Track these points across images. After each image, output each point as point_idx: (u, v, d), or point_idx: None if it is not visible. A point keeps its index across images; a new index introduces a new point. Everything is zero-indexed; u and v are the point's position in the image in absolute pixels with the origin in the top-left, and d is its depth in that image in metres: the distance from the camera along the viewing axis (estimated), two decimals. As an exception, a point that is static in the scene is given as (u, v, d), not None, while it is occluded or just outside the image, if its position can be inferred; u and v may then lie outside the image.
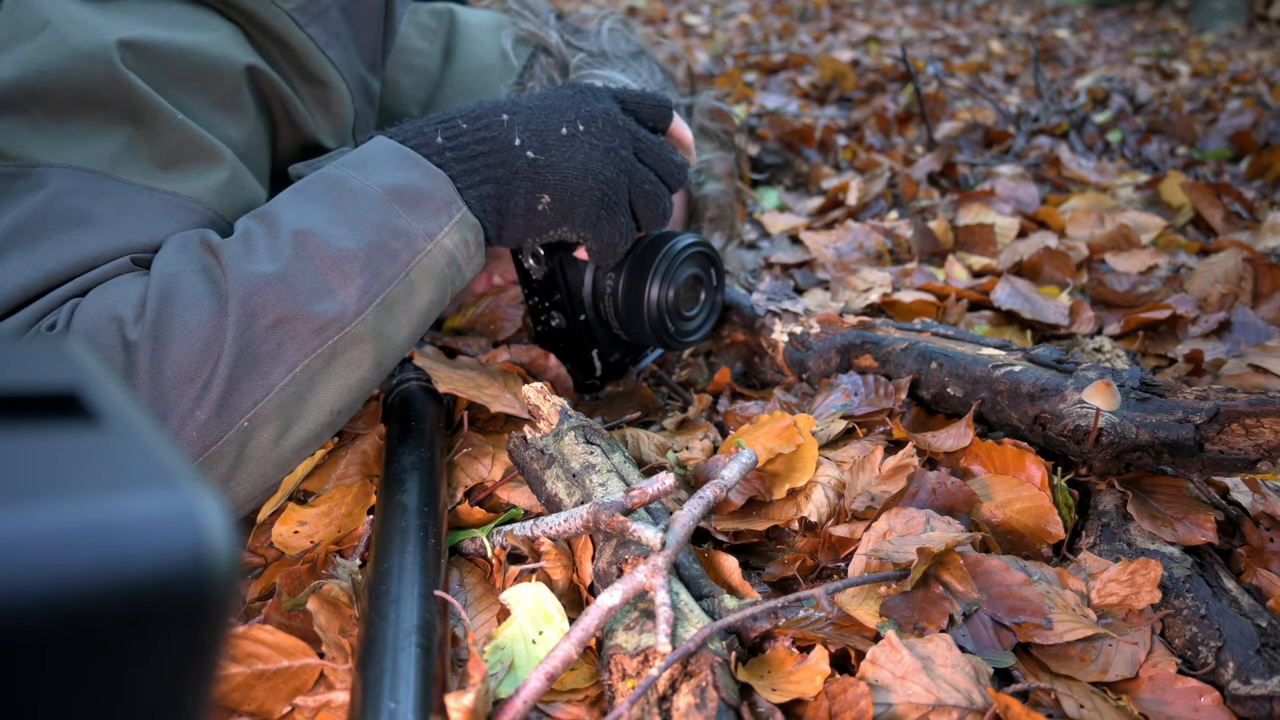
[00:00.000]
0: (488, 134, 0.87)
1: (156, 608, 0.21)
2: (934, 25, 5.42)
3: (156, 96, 0.78)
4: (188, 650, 0.22)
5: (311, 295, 0.75)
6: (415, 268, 0.81)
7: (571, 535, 0.76)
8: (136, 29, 0.80)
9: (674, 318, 1.00)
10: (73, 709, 0.21)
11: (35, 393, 0.25)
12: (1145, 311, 1.27)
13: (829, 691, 0.62)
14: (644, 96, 0.95)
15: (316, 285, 0.75)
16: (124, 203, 0.77)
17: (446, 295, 0.87)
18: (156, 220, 0.78)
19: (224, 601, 0.22)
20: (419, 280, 0.82)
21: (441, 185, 0.83)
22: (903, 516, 0.78)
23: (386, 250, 0.80)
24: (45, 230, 0.74)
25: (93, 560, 0.20)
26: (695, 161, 1.03)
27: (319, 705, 0.65)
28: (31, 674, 0.20)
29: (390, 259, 0.80)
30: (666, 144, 0.95)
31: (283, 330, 0.74)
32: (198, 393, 0.71)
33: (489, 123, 0.87)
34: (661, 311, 0.98)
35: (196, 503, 0.22)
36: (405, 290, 0.81)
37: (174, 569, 0.21)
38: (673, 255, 0.97)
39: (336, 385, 0.78)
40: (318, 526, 0.85)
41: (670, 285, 0.97)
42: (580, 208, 0.90)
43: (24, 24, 0.77)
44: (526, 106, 0.89)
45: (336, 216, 0.79)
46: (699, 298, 1.05)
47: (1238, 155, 2.34)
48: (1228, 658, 0.68)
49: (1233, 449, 0.78)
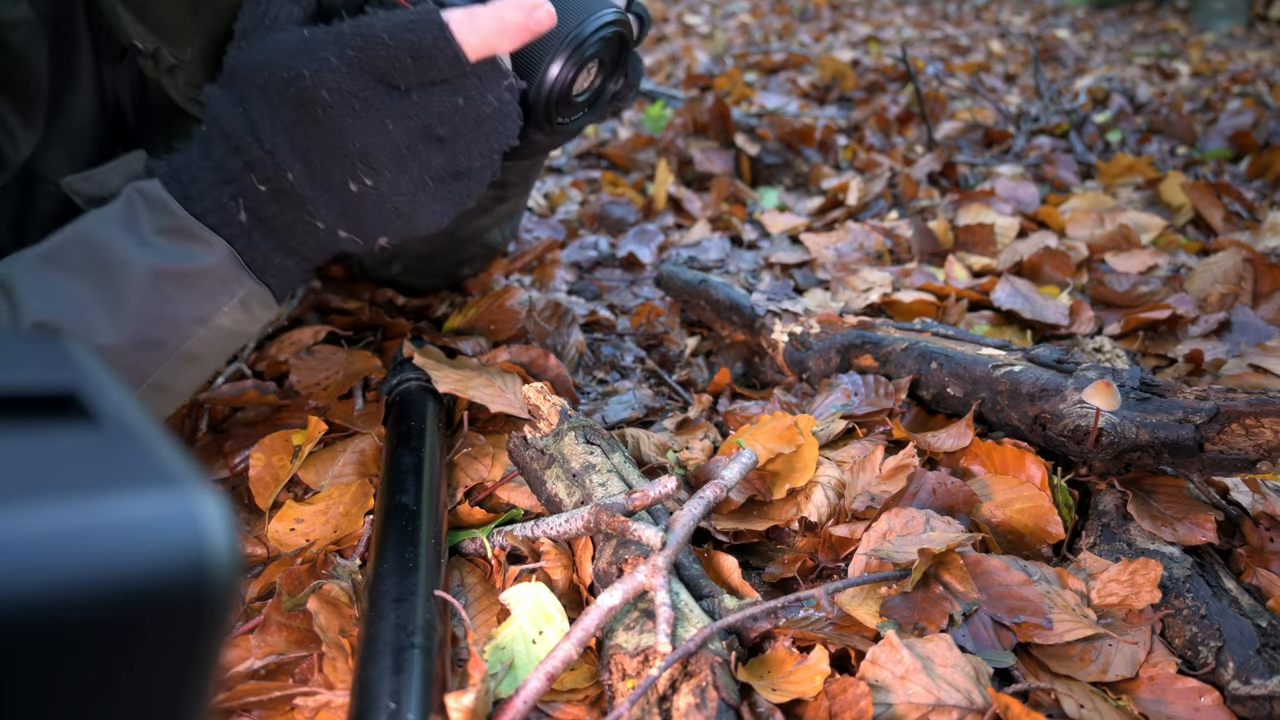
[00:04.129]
0: (292, 213, 0.71)
1: (157, 608, 0.21)
2: (934, 25, 5.42)
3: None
4: (187, 650, 0.22)
5: None
6: (182, 352, 0.72)
7: (572, 536, 0.77)
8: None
9: (561, 105, 0.77)
10: (73, 709, 0.21)
11: (35, 393, 0.25)
12: (1145, 311, 1.27)
13: (829, 691, 0.62)
14: (398, 56, 0.66)
15: None
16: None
17: (224, 359, 0.77)
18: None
19: (224, 602, 0.22)
20: (185, 363, 0.72)
21: (226, 263, 0.71)
22: (903, 516, 0.78)
23: (149, 341, 0.69)
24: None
25: (93, 561, 0.20)
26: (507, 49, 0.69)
27: (319, 705, 0.65)
28: (31, 674, 0.20)
29: (153, 349, 0.70)
30: (473, 96, 0.69)
31: None
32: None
33: (282, 186, 0.70)
34: (550, 99, 0.75)
35: (196, 503, 0.22)
36: (169, 374, 0.72)
37: (174, 569, 0.21)
38: (579, 39, 0.73)
39: None
40: (314, 525, 0.85)
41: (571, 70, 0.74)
42: (411, 240, 0.77)
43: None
44: (289, 148, 0.68)
45: (95, 301, 0.67)
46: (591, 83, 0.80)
47: (1238, 155, 2.34)
48: (1228, 658, 0.68)
49: (1233, 449, 0.78)
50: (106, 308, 0.67)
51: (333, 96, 0.66)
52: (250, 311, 0.74)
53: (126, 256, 0.68)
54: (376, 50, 0.65)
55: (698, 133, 2.27)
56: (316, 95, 0.66)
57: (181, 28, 0.78)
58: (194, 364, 0.73)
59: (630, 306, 1.46)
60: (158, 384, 0.72)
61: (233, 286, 0.72)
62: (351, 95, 0.66)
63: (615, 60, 0.80)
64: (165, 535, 0.21)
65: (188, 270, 0.69)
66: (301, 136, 0.68)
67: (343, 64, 0.66)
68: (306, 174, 0.69)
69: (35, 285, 0.67)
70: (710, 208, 1.92)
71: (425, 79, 0.67)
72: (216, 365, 0.77)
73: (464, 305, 1.26)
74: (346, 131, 0.67)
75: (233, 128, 0.69)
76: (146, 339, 0.69)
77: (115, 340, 0.68)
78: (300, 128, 0.68)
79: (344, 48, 0.65)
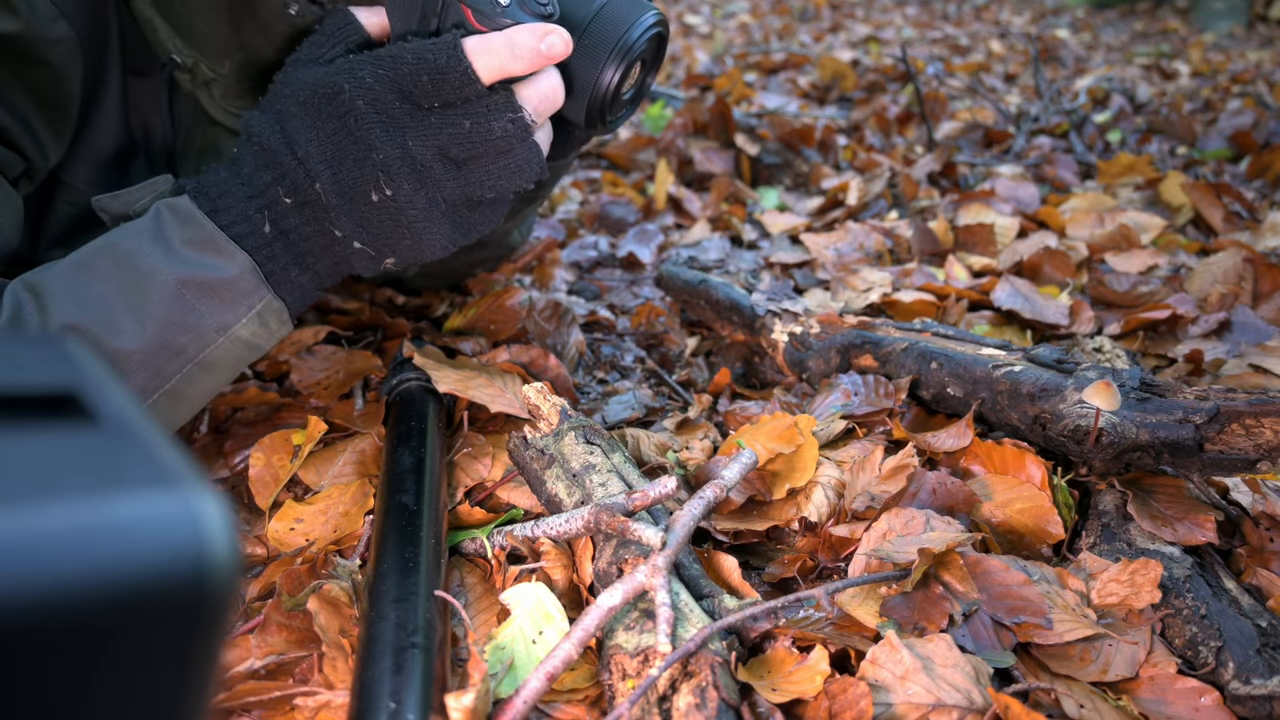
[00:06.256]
0: (313, 226, 0.75)
1: (157, 608, 0.21)
2: (934, 25, 5.42)
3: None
4: (187, 650, 0.22)
5: None
6: (201, 360, 0.75)
7: (572, 536, 0.77)
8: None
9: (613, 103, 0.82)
10: (73, 708, 0.21)
11: (35, 393, 0.25)
12: (1145, 311, 1.27)
13: (829, 691, 0.62)
14: (417, 74, 0.71)
15: None
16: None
17: (239, 371, 0.80)
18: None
19: (224, 602, 0.22)
20: (202, 371, 0.75)
21: (247, 275, 0.74)
22: (903, 516, 0.78)
23: (171, 347, 0.72)
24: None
25: (93, 561, 0.20)
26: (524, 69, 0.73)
27: (319, 705, 0.65)
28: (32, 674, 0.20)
29: (174, 355, 0.73)
30: (480, 121, 0.73)
31: None
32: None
33: (308, 198, 0.74)
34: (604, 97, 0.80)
35: (196, 503, 0.22)
36: (186, 380, 0.75)
37: (174, 570, 0.21)
38: (627, 45, 0.77)
39: None
40: (314, 525, 0.85)
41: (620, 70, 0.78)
42: (427, 259, 0.80)
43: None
44: (320, 157, 0.73)
45: (121, 305, 0.71)
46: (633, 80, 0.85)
47: (1238, 155, 2.34)
48: (1228, 658, 0.68)
49: (1233, 449, 0.78)
50: (132, 313, 0.71)
51: (366, 108, 0.72)
52: (267, 325, 0.77)
53: (154, 266, 0.71)
54: (400, 69, 0.72)
55: (698, 133, 2.27)
56: (354, 106, 0.72)
57: (222, 44, 0.84)
58: (210, 372, 0.76)
59: (630, 306, 1.46)
60: (175, 390, 0.75)
61: (252, 299, 0.75)
62: (381, 109, 0.72)
63: (655, 57, 0.85)
64: (165, 535, 0.21)
65: (211, 280, 0.73)
66: (334, 146, 0.73)
67: (376, 82, 0.72)
68: (334, 181, 0.74)
69: (65, 290, 0.71)
70: (710, 208, 1.92)
71: (442, 98, 0.72)
72: (231, 376, 0.80)
73: (464, 305, 1.26)
74: (374, 143, 0.72)
75: (269, 141, 0.74)
76: (168, 345, 0.72)
77: (138, 344, 0.71)
78: (335, 138, 0.73)
79: (376, 67, 0.72)
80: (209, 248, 0.73)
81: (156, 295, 0.71)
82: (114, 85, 0.89)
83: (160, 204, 0.74)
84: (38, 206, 0.90)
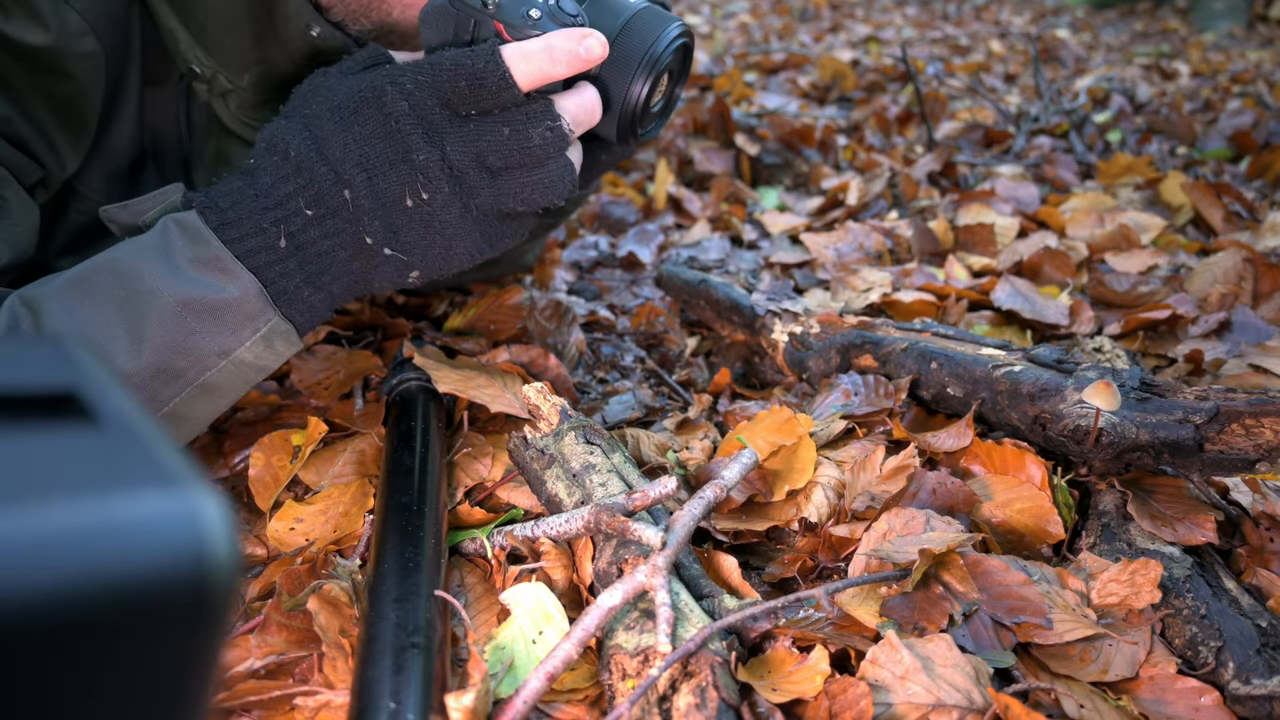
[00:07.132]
0: (335, 239, 0.74)
1: (157, 608, 0.21)
2: (934, 25, 5.42)
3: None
4: (187, 650, 0.22)
5: None
6: (201, 383, 0.73)
7: (572, 536, 0.77)
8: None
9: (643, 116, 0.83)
10: (73, 709, 0.21)
11: (35, 393, 0.25)
12: (1145, 311, 1.27)
13: (829, 691, 0.62)
14: (455, 80, 0.71)
15: None
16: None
17: (243, 393, 0.79)
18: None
19: (224, 602, 0.22)
20: (203, 393, 0.74)
21: (252, 298, 0.72)
22: (903, 516, 0.78)
23: (169, 371, 0.71)
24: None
25: (93, 561, 0.20)
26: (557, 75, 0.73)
27: (319, 705, 0.65)
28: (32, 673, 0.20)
29: (172, 379, 0.71)
30: (519, 129, 0.73)
31: None
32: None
33: (334, 207, 0.73)
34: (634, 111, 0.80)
35: (197, 503, 0.22)
36: (186, 404, 0.73)
37: (174, 570, 0.21)
38: (655, 57, 0.79)
39: None
40: (314, 525, 0.85)
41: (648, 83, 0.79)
42: (453, 269, 0.80)
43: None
44: (356, 160, 0.72)
45: (119, 326, 0.69)
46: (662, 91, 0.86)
47: (1238, 155, 2.34)
48: (1228, 658, 0.68)
49: (1233, 449, 0.78)
50: (129, 334, 0.69)
51: (410, 110, 0.72)
52: (273, 347, 0.76)
53: (155, 286, 0.70)
54: (439, 75, 0.72)
55: (698, 133, 2.27)
56: (396, 107, 0.72)
57: (243, 56, 0.84)
58: (212, 395, 0.75)
59: (630, 306, 1.46)
60: (174, 413, 0.73)
61: (257, 322, 0.73)
62: (421, 114, 0.72)
63: (682, 68, 0.86)
64: (165, 535, 0.21)
65: (214, 302, 0.71)
66: (370, 149, 0.73)
67: (416, 87, 0.72)
68: (368, 186, 0.73)
69: (61, 308, 0.69)
70: (710, 208, 1.92)
71: (480, 105, 0.72)
72: (235, 398, 0.78)
73: (464, 305, 1.26)
74: (413, 146, 0.72)
75: (295, 149, 0.72)
76: (166, 368, 0.71)
77: (134, 367, 0.69)
78: (372, 140, 0.73)
79: (416, 74, 0.73)
80: (214, 268, 0.71)
81: (156, 317, 0.69)
82: (132, 96, 0.89)
83: (168, 219, 0.72)
84: (51, 215, 0.90)
